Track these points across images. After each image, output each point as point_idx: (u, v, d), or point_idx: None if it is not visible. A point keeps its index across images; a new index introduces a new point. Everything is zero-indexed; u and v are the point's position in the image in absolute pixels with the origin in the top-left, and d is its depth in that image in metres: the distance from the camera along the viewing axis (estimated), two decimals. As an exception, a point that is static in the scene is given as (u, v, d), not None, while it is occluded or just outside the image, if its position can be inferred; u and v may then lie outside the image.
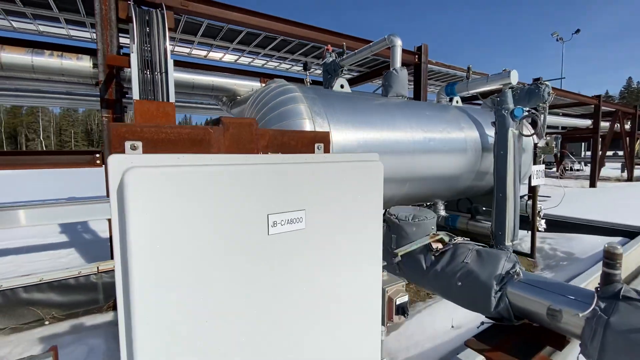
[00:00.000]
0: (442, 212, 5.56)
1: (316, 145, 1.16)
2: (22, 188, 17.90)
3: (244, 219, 0.80)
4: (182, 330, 0.74)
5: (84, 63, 4.69)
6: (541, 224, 5.34)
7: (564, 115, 18.53)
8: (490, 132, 4.73)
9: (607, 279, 1.44)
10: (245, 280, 0.81)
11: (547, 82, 5.12)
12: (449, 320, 3.26)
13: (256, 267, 0.83)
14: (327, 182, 0.97)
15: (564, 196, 12.33)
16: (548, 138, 5.13)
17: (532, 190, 5.19)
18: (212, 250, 0.76)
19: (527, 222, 5.74)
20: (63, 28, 6.09)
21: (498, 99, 4.49)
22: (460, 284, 1.89)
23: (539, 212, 5.40)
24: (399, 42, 4.58)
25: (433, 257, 2.07)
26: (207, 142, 0.93)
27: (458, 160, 4.35)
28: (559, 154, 22.68)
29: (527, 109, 4.87)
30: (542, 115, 5.37)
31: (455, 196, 5.27)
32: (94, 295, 4.21)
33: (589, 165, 18.96)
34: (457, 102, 5.53)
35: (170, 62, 4.19)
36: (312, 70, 9.34)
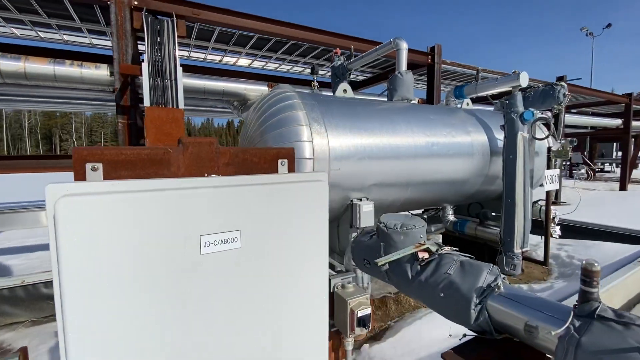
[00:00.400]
0: (451, 217, 5.47)
1: (280, 161, 1.21)
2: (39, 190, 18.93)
3: (173, 241, 0.86)
4: (112, 347, 0.82)
5: (102, 71, 4.96)
6: (555, 230, 5.14)
7: (593, 114, 17.62)
8: (500, 135, 4.60)
9: (584, 296, 1.40)
10: (177, 297, 0.88)
11: (562, 83, 4.92)
12: (447, 328, 3.22)
13: (189, 285, 0.89)
14: (267, 201, 1.01)
15: (589, 200, 11.76)
16: (563, 141, 4.93)
17: (546, 195, 5.00)
18: (141, 271, 0.82)
19: (541, 227, 5.54)
20: (86, 37, 6.44)
21: (507, 101, 4.36)
22: (442, 295, 1.88)
23: (553, 218, 5.20)
24: (404, 46, 4.55)
25: (419, 267, 2.06)
26: (167, 162, 1.00)
27: (464, 165, 4.26)
28: (571, 158, 21.59)
29: (539, 111, 4.70)
30: (559, 117, 5.18)
31: (464, 201, 5.17)
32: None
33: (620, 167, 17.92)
34: (467, 104, 5.41)
35: (179, 70, 4.36)
36: (324, 72, 9.38)
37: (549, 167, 4.91)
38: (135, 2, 4.83)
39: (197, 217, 0.90)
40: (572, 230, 6.67)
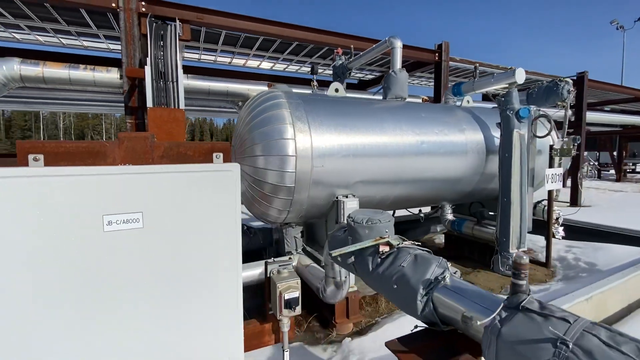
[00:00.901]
0: (449, 216, 5.42)
1: (215, 154, 1.32)
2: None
3: (77, 219, 0.99)
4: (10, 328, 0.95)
5: (113, 75, 5.29)
6: (558, 231, 4.98)
7: (623, 112, 16.67)
8: (498, 133, 4.52)
9: (514, 289, 1.43)
10: (79, 271, 1.01)
11: (567, 79, 4.78)
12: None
13: (92, 258, 1.02)
14: (171, 188, 1.12)
15: (611, 202, 11.17)
16: (566, 139, 4.77)
17: (548, 195, 4.86)
18: (45, 246, 0.96)
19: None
20: (103, 42, 6.86)
21: (503, 98, 4.29)
22: (395, 286, 1.93)
23: (557, 218, 5.04)
24: (398, 44, 4.56)
25: (379, 260, 2.12)
26: (103, 154, 1.13)
27: (457, 163, 4.23)
28: (599, 157, 20.32)
29: (536, 108, 4.59)
30: (564, 114, 5.03)
31: (463, 199, 5.11)
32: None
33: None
34: (468, 102, 5.34)
35: (180, 72, 4.59)
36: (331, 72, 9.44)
37: (551, 166, 4.76)
38: (143, 9, 5.11)
39: (101, 199, 1.03)
40: (583, 232, 6.40)
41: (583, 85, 10.68)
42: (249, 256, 4.20)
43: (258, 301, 4.32)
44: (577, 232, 6.51)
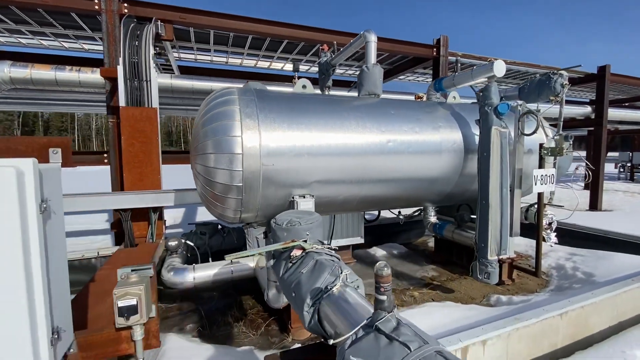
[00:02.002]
0: (432, 219, 5.15)
1: (52, 150, 1.25)
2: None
3: None
4: None
5: (97, 75, 5.42)
6: (550, 237, 4.58)
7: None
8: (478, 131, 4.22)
9: (375, 305, 1.25)
10: None
11: (562, 72, 4.40)
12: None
13: None
14: None
15: (634, 206, 10.26)
16: (557, 137, 4.37)
17: (538, 198, 4.47)
18: None
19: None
20: (77, 43, 6.97)
21: (482, 93, 3.99)
22: (293, 294, 1.79)
23: (549, 223, 4.64)
24: (372, 38, 4.36)
25: (290, 264, 1.99)
26: None
27: (430, 163, 3.98)
28: (633, 157, 18.73)
29: (517, 103, 4.24)
30: (559, 110, 4.65)
31: (446, 201, 4.81)
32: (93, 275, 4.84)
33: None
34: (454, 97, 5.04)
35: (153, 71, 4.61)
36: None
37: (541, 166, 4.37)
38: (126, 10, 5.21)
39: None
40: (589, 239, 5.87)
41: (604, 80, 9.87)
42: (222, 256, 4.16)
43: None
44: (582, 238, 6.00)
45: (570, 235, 6.23)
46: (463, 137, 4.19)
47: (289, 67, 9.19)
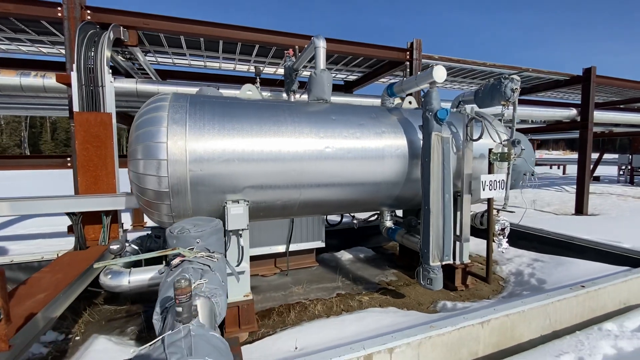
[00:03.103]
0: (387, 223, 5.14)
1: None
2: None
3: None
4: None
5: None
6: (501, 243, 4.53)
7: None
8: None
9: (175, 316, 1.27)
10: None
11: (514, 76, 4.36)
12: (297, 342, 3.03)
13: None
14: None
15: (622, 211, 10.07)
16: (505, 142, 4.33)
17: (488, 203, 4.43)
18: None
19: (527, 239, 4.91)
20: (34, 46, 7.04)
21: (423, 99, 3.97)
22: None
23: (502, 229, 4.59)
24: (321, 44, 4.39)
25: (165, 272, 2.01)
26: None
27: (372, 168, 3.97)
28: (632, 160, 18.28)
29: (463, 108, 4.21)
30: (512, 115, 4.61)
31: (399, 205, 4.79)
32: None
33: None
34: (410, 102, 5.03)
35: (107, 76, 4.69)
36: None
37: (490, 172, 4.33)
38: (89, 17, 5.31)
39: None
40: (557, 245, 5.78)
41: (590, 82, 9.72)
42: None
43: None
44: (546, 244, 5.91)
45: (539, 241, 6.16)
46: (408, 143, 4.17)
47: (269, 69, 9.25)
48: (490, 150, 4.32)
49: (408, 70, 7.77)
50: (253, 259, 5.47)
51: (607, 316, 3.63)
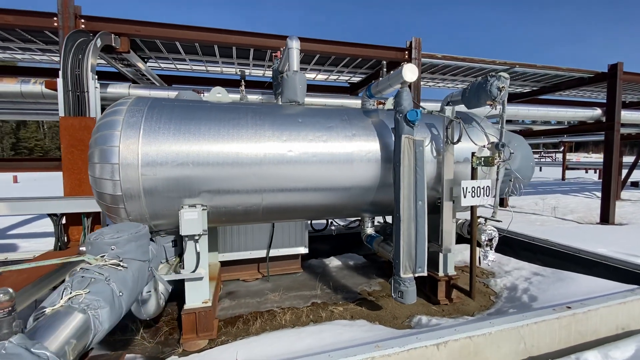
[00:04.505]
0: (368, 230, 4.90)
1: None
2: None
3: None
4: None
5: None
6: (487, 255, 4.16)
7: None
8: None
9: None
10: None
11: (502, 74, 4.04)
12: (238, 352, 2.90)
13: None
14: None
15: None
16: (489, 145, 3.98)
17: (471, 212, 4.09)
18: None
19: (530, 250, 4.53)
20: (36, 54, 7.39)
21: (395, 100, 3.74)
22: (48, 311, 1.76)
23: (490, 239, 4.23)
24: (294, 45, 4.28)
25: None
26: None
27: (339, 172, 3.79)
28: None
29: (424, 111, 3.92)
30: (501, 116, 4.27)
31: (374, 211, 4.54)
32: None
33: None
34: (391, 104, 4.78)
35: (92, 83, 4.84)
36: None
37: (473, 177, 3.99)
38: (83, 26, 5.53)
39: None
40: (561, 257, 5.25)
41: (616, 79, 8.90)
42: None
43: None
44: (554, 256, 5.40)
45: (543, 253, 5.65)
46: (382, 146, 3.94)
47: (269, 73, 9.26)
48: (473, 153, 3.99)
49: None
50: (234, 263, 5.42)
51: (599, 342, 3.20)
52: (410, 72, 3.56)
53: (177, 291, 4.23)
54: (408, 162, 3.61)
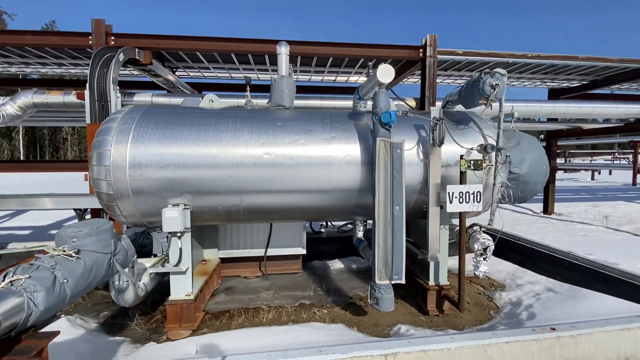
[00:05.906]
0: (359, 234, 4.82)
1: None
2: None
3: None
4: None
5: (94, 97, 6.55)
6: (479, 266, 3.87)
7: None
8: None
9: None
10: None
11: (498, 70, 3.81)
12: (198, 346, 3.06)
13: None
14: None
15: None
16: (478, 147, 3.69)
17: (460, 219, 3.83)
18: None
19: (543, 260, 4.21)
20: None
21: (373, 101, 3.66)
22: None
23: (485, 248, 3.94)
24: (282, 50, 4.41)
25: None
26: None
27: (316, 175, 3.81)
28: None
29: (403, 110, 3.74)
30: (499, 117, 4.01)
31: (360, 214, 4.45)
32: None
33: None
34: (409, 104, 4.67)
35: (113, 93, 5.42)
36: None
37: (462, 182, 3.72)
38: (112, 43, 6.22)
39: None
40: (583, 273, 4.64)
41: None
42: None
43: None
44: (576, 271, 4.83)
45: (565, 267, 5.07)
46: (363, 150, 3.88)
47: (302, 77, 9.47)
48: (461, 157, 3.75)
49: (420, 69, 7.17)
50: (237, 260, 5.68)
51: (591, 371, 2.82)
52: (384, 73, 3.46)
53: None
54: (384, 166, 3.52)
